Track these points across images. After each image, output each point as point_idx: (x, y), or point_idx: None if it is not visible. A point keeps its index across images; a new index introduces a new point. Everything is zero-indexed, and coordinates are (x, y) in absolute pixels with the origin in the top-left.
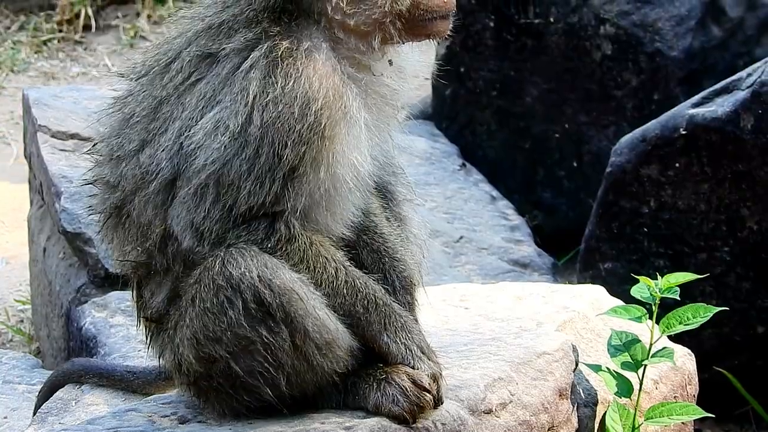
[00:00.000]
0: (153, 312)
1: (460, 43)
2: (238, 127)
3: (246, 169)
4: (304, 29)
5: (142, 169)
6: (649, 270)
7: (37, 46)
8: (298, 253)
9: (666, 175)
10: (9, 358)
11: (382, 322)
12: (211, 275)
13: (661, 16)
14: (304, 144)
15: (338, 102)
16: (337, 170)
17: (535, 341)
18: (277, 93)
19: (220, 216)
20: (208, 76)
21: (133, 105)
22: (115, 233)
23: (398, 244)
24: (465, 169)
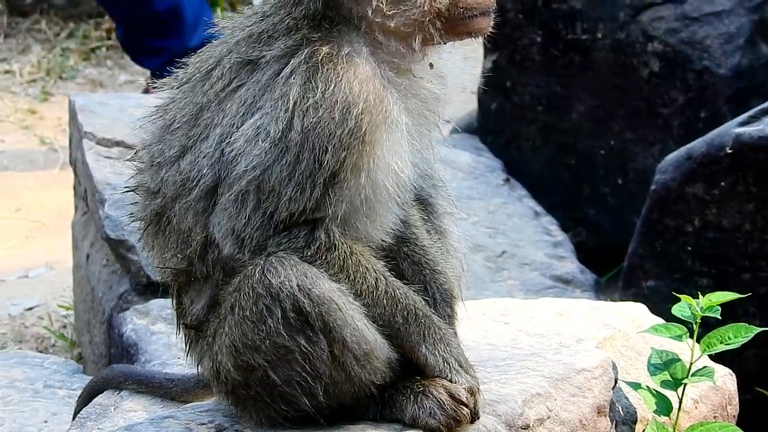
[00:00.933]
0: (192, 319)
1: (507, 58)
2: (279, 133)
3: (287, 175)
4: (344, 35)
5: (183, 175)
6: (692, 289)
7: (85, 54)
8: (338, 261)
9: (711, 193)
10: (51, 363)
11: (421, 333)
12: (251, 284)
13: (710, 33)
14: (344, 149)
15: (379, 106)
16: (378, 176)
17: (575, 357)
18: (317, 98)
19: (260, 223)
20: (248, 82)
21: (174, 112)
22: (155, 240)
23: (439, 256)
24: (509, 184)
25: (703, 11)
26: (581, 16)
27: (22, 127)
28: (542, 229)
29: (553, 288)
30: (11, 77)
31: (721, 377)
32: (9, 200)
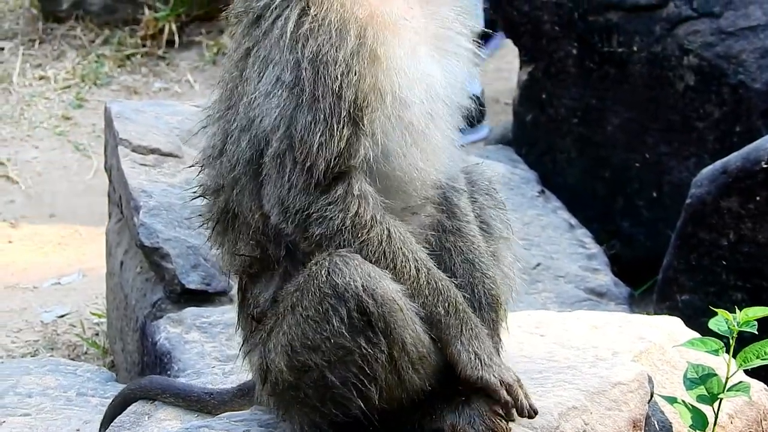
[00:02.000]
0: (258, 312)
1: (543, 70)
2: (290, 75)
3: (311, 119)
4: None
5: (232, 160)
6: (727, 303)
7: (120, 61)
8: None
9: (746, 207)
10: (84, 371)
11: (459, 327)
12: (317, 284)
13: (745, 48)
14: (354, 73)
15: (376, 14)
16: (403, 93)
17: (611, 371)
18: (313, 24)
19: (303, 184)
20: (257, 39)
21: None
22: (224, 236)
23: (492, 264)
24: (544, 196)
25: (738, 26)
26: (617, 29)
27: (56, 133)
28: (577, 241)
29: (587, 300)
30: (46, 83)
31: (757, 392)
32: (43, 206)
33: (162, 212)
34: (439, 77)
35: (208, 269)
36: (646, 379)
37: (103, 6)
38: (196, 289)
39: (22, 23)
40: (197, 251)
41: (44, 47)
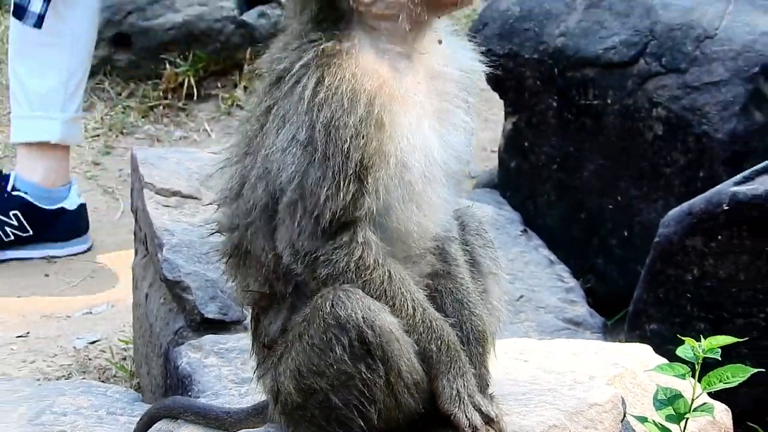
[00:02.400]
0: (269, 340)
1: (526, 121)
2: (305, 135)
3: (321, 175)
4: (344, 30)
5: (247, 204)
6: (691, 332)
7: (144, 111)
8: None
9: (709, 246)
10: (113, 392)
11: (448, 364)
12: (322, 315)
13: (709, 101)
14: (362, 137)
15: (385, 88)
16: (405, 157)
17: (588, 393)
18: (327, 93)
19: (311, 230)
20: (277, 98)
21: (233, 151)
22: (237, 270)
23: (479, 303)
24: (526, 235)
25: (702, 81)
26: (593, 84)
27: (87, 177)
28: (556, 276)
29: (565, 330)
30: None
31: (719, 412)
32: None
33: (183, 249)
34: (437, 146)
35: (225, 300)
36: (620, 400)
37: (128, 62)
38: (214, 318)
39: None
40: (215, 284)
41: None
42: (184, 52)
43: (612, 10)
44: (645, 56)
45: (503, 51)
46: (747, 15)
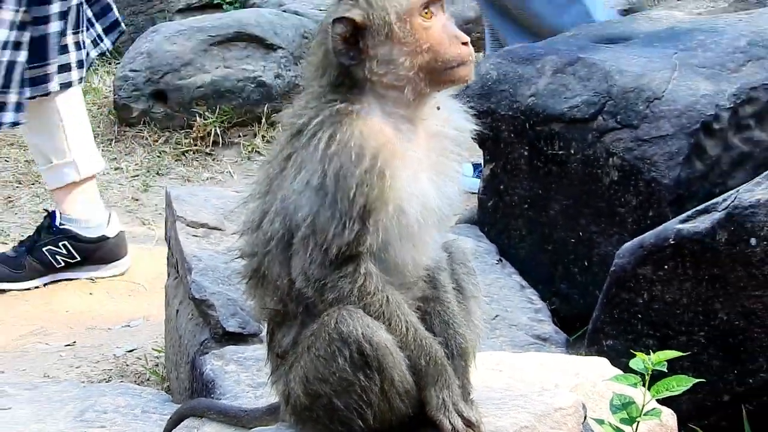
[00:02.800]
0: (282, 351)
1: (501, 167)
2: (317, 182)
3: (330, 215)
4: (356, 95)
5: (266, 235)
6: (642, 347)
7: (177, 156)
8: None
9: (657, 274)
10: (147, 393)
11: (435, 377)
12: (327, 330)
13: (657, 152)
14: (366, 185)
15: (388, 145)
16: (403, 204)
17: (554, 399)
18: (338, 147)
19: (320, 261)
20: (296, 147)
21: (255, 188)
22: (255, 291)
23: (463, 324)
24: (501, 264)
25: (651, 135)
26: (559, 136)
27: (127, 211)
28: (526, 298)
29: (534, 344)
30: (120, 173)
31: (665, 416)
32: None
33: (209, 272)
34: (433, 195)
35: (244, 316)
36: (581, 405)
37: (164, 114)
38: (234, 331)
39: (102, 126)
40: (235, 303)
41: (119, 145)
42: (211, 106)
43: (575, 75)
44: (603, 114)
45: (482, 108)
46: (689, 80)
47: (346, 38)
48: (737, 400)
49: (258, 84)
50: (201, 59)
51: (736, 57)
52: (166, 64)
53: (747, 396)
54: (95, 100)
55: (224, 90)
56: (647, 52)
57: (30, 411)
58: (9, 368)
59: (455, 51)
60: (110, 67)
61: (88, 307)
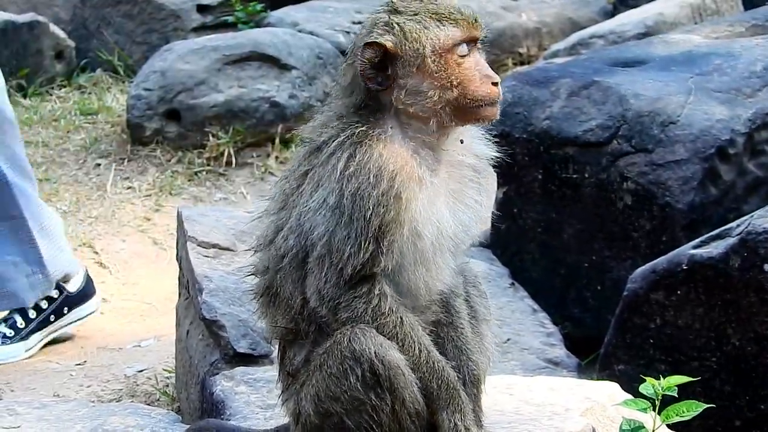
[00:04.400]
0: (293, 369)
1: (515, 191)
2: (335, 201)
3: (345, 235)
4: (379, 119)
5: (280, 251)
6: (653, 372)
7: (189, 176)
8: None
9: (670, 299)
10: (156, 414)
11: (447, 400)
12: (340, 348)
13: (671, 176)
14: (382, 207)
15: (406, 169)
16: (419, 227)
17: (564, 423)
18: (357, 168)
19: (334, 280)
20: (314, 165)
21: (270, 204)
22: (267, 309)
23: (476, 348)
24: (514, 287)
25: (666, 159)
26: (573, 160)
27: (139, 230)
28: (538, 322)
29: (545, 368)
30: (132, 192)
31: None
32: (128, 287)
33: (220, 293)
34: (450, 221)
35: (255, 338)
36: (591, 429)
37: (177, 134)
38: (244, 352)
39: (115, 145)
40: (246, 323)
41: (132, 164)
42: (225, 126)
43: (590, 98)
44: (618, 138)
45: (497, 131)
46: (705, 104)
47: (375, 63)
48: (749, 426)
49: (272, 104)
50: (215, 78)
51: (752, 82)
52: (180, 83)
53: (759, 422)
54: (108, 119)
55: (238, 110)
56: (663, 76)
57: (39, 430)
58: (19, 387)
59: (485, 90)
60: (123, 86)
61: (99, 326)
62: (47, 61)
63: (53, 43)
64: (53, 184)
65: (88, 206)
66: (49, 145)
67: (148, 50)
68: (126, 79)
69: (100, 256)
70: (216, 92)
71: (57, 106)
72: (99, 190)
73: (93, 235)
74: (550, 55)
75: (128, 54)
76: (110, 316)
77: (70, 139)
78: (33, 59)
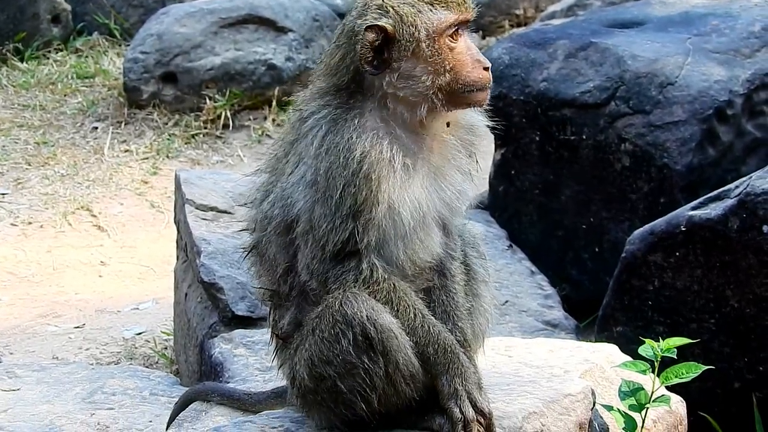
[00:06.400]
0: (281, 332)
1: (512, 152)
2: (311, 177)
3: (324, 212)
4: (358, 101)
5: (264, 214)
6: (652, 334)
7: (186, 139)
8: (384, 293)
9: (668, 261)
10: (155, 376)
11: (446, 365)
12: (331, 312)
13: (669, 138)
14: (353, 187)
15: (378, 151)
16: (395, 207)
17: (563, 385)
18: (329, 146)
19: (321, 257)
20: (299, 136)
21: (265, 163)
22: (254, 266)
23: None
24: (511, 250)
25: (664, 120)
26: (570, 122)
27: (137, 194)
28: (536, 284)
29: (543, 330)
30: (130, 155)
31: (674, 403)
32: (126, 250)
33: (218, 256)
34: (429, 199)
35: (253, 300)
36: (590, 391)
37: (174, 97)
38: (243, 315)
39: (111, 108)
40: (245, 286)
41: (129, 128)
42: (221, 89)
43: (588, 60)
44: (615, 99)
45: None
46: (703, 65)
47: (375, 47)
48: (748, 388)
49: (269, 67)
50: (211, 42)
51: (750, 42)
52: (177, 46)
53: (757, 384)
54: (105, 82)
55: (234, 72)
56: (660, 37)
57: (39, 392)
58: (19, 350)
59: (477, 75)
60: (120, 49)
61: (97, 289)
62: (44, 24)
63: (50, 7)
64: (51, 147)
65: (85, 169)
66: (47, 109)
67: (145, 13)
68: (123, 43)
69: (98, 219)
70: (213, 55)
71: (54, 69)
72: (96, 153)
73: (91, 199)
74: (547, 16)
75: (125, 17)
76: (108, 279)
77: (67, 103)
78: (30, 23)
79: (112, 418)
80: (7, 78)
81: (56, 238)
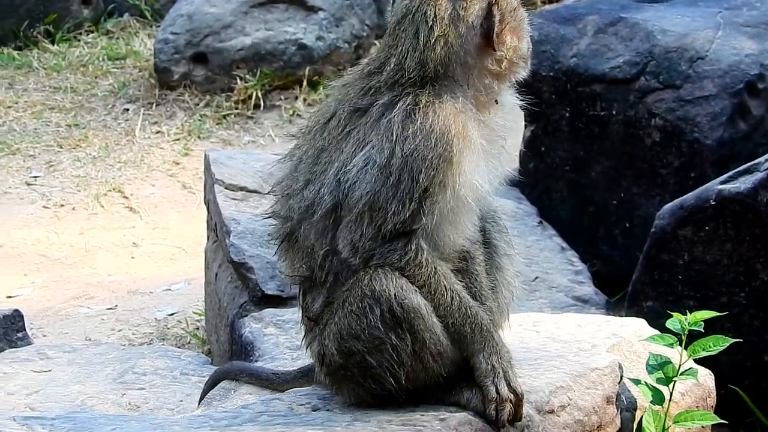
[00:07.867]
0: (313, 314)
1: (542, 129)
2: (384, 160)
3: (391, 195)
4: (443, 87)
5: (307, 202)
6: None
7: (218, 119)
8: (424, 277)
9: (698, 235)
10: (186, 356)
11: (482, 343)
12: (360, 285)
13: (700, 112)
14: (434, 169)
15: (464, 134)
16: (461, 191)
17: (590, 359)
18: (415, 128)
19: (372, 234)
20: (359, 125)
21: (299, 154)
22: (287, 254)
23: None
24: (542, 226)
25: (694, 95)
26: (600, 97)
27: (168, 175)
28: (566, 260)
29: (573, 306)
30: (161, 136)
31: (702, 376)
32: (158, 231)
33: (248, 236)
34: (485, 183)
35: (283, 279)
36: (617, 365)
37: (205, 77)
38: (273, 294)
39: (143, 90)
40: (274, 266)
41: (160, 109)
42: (252, 69)
43: (617, 35)
44: (645, 74)
45: None
46: (734, 39)
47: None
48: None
49: (299, 46)
50: (242, 21)
51: None
52: (207, 26)
53: None
54: (135, 63)
55: (265, 52)
56: (691, 11)
57: (70, 373)
58: (52, 332)
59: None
60: (150, 30)
61: (129, 271)
62: (75, 6)
63: None
64: (82, 129)
65: (117, 151)
66: (78, 91)
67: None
68: (153, 24)
69: (130, 201)
70: (243, 35)
71: (85, 51)
72: (128, 135)
73: (122, 180)
74: None
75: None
76: (141, 260)
77: (99, 85)
78: (60, 5)
79: (143, 398)
80: (38, 60)
81: (88, 220)
